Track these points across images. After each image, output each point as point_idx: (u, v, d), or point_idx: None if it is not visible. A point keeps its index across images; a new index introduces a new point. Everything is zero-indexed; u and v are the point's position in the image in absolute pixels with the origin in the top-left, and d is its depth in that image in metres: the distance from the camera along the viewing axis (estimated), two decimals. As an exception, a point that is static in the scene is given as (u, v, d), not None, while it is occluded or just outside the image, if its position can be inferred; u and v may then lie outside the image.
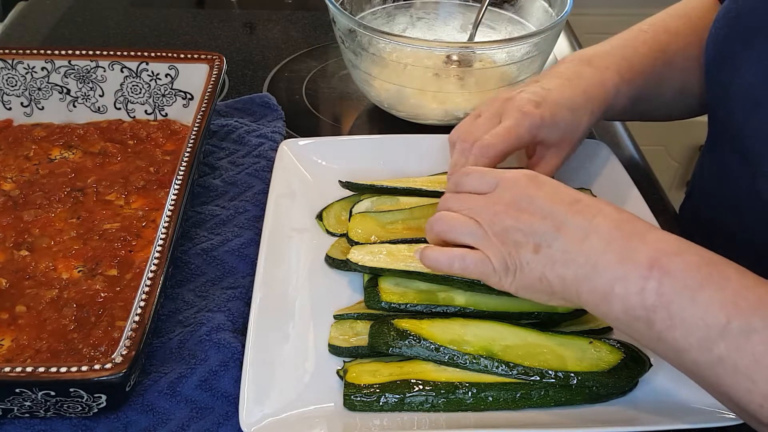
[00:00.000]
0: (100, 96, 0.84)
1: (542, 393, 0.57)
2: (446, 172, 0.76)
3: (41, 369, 0.51)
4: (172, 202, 0.64)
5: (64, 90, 0.84)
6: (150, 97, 0.84)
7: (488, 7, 0.92)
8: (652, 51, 0.76)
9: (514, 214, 0.55)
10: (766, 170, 0.65)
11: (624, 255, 0.52)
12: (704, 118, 0.81)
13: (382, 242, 0.68)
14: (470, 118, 0.70)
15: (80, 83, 0.83)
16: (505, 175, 0.58)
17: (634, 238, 0.53)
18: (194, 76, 0.83)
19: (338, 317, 0.64)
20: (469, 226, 0.57)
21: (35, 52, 0.83)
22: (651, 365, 0.59)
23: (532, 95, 0.68)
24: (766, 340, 0.46)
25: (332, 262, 0.70)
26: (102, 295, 0.63)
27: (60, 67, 0.83)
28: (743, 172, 0.70)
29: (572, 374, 0.57)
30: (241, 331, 0.63)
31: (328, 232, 0.73)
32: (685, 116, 0.85)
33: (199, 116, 0.75)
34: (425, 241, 0.68)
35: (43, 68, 0.83)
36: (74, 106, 0.84)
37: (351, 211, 0.72)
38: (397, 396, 0.57)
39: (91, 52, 0.83)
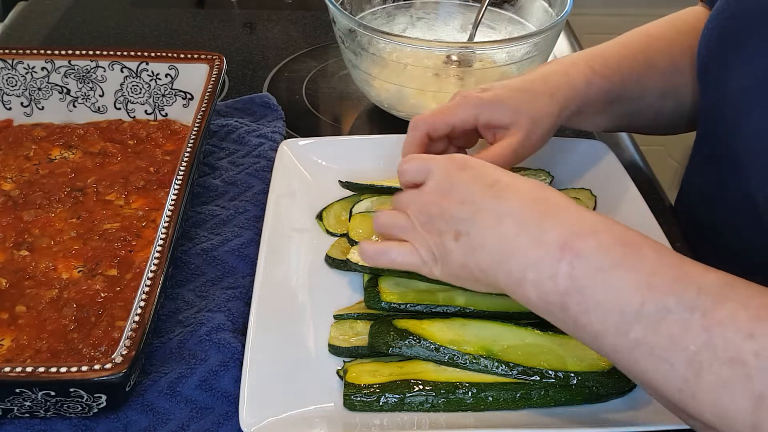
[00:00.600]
0: (100, 96, 0.84)
1: (542, 393, 0.57)
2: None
3: (41, 369, 0.51)
4: (172, 202, 0.64)
5: (64, 90, 0.84)
6: (150, 97, 0.84)
7: (488, 7, 0.92)
8: (630, 51, 0.75)
9: (437, 201, 0.55)
10: (759, 173, 0.65)
11: (536, 238, 0.50)
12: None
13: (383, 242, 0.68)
14: None
15: (80, 83, 0.83)
16: (435, 163, 0.57)
17: (547, 218, 0.51)
18: (194, 76, 0.83)
19: (338, 317, 0.64)
20: (399, 219, 0.58)
21: (35, 52, 0.83)
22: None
23: (485, 85, 0.69)
24: (682, 321, 0.44)
25: (332, 262, 0.70)
26: (102, 295, 0.63)
27: (60, 67, 0.83)
28: (734, 174, 0.69)
29: (572, 374, 0.57)
30: (241, 331, 0.63)
31: (328, 232, 0.73)
32: (671, 127, 0.83)
33: (199, 116, 0.75)
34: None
35: (43, 68, 0.83)
36: (74, 106, 0.84)
37: (351, 211, 0.72)
38: (397, 396, 0.57)
39: (91, 52, 0.83)
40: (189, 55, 0.83)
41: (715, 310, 0.44)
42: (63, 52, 0.83)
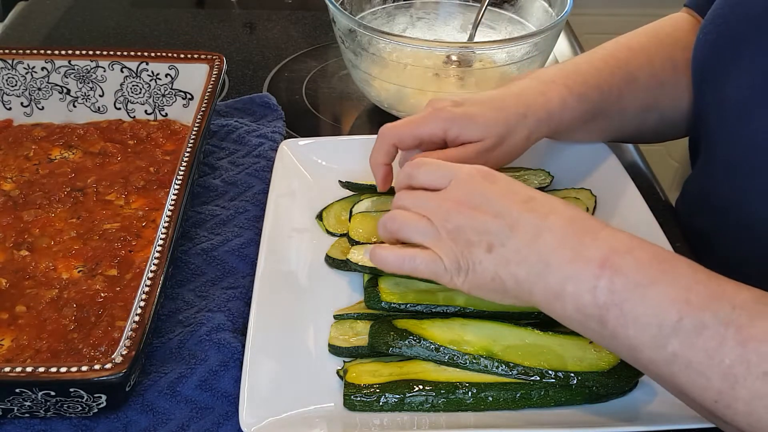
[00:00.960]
0: (100, 96, 0.84)
1: (542, 393, 0.57)
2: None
3: (41, 369, 0.51)
4: (172, 202, 0.64)
5: (64, 90, 0.84)
6: (150, 97, 0.84)
7: (488, 7, 0.92)
8: (608, 66, 0.74)
9: (467, 212, 0.55)
10: (757, 182, 0.65)
11: (576, 253, 0.51)
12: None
13: (382, 242, 0.68)
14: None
15: (80, 83, 0.83)
16: (459, 171, 0.57)
17: (586, 235, 0.52)
18: (194, 76, 0.83)
19: (338, 317, 0.64)
20: (421, 224, 0.57)
21: (35, 52, 0.83)
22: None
23: (457, 98, 0.68)
24: (717, 336, 0.46)
25: (332, 262, 0.70)
26: (102, 295, 0.63)
27: (60, 67, 0.83)
28: (731, 183, 0.69)
29: (572, 374, 0.57)
30: (241, 331, 0.63)
31: (328, 232, 0.73)
32: (657, 138, 0.83)
33: (199, 116, 0.75)
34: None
35: (43, 68, 0.83)
36: (74, 106, 0.84)
37: (351, 211, 0.72)
38: (397, 396, 0.57)
39: (91, 52, 0.83)
40: (189, 55, 0.83)
41: (749, 326, 0.46)
42: (63, 52, 0.83)
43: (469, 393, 0.57)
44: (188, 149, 0.71)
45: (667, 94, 0.77)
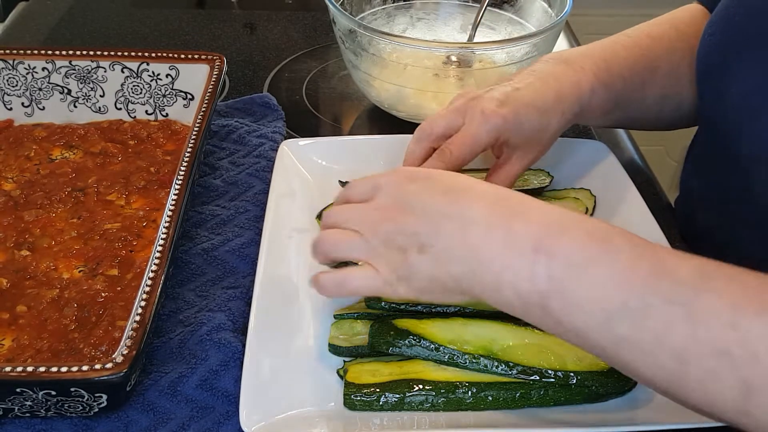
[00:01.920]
0: (100, 96, 0.84)
1: (542, 392, 0.57)
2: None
3: (42, 369, 0.51)
4: (173, 202, 0.65)
5: (65, 90, 0.84)
6: (151, 97, 0.84)
7: (488, 8, 0.92)
8: (632, 54, 0.74)
9: (393, 218, 0.53)
10: (764, 178, 0.64)
11: (507, 241, 0.49)
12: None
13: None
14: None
15: (81, 83, 0.84)
16: (381, 179, 0.56)
17: (514, 219, 0.50)
18: (195, 76, 0.83)
19: (338, 317, 0.64)
20: (351, 239, 0.55)
21: (36, 52, 0.83)
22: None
23: (499, 94, 0.67)
24: (664, 316, 0.45)
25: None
26: (103, 294, 0.63)
27: (61, 67, 0.83)
28: (735, 177, 0.69)
29: (572, 374, 0.57)
30: (242, 330, 0.64)
31: (328, 232, 0.73)
32: (671, 126, 0.83)
33: (199, 116, 0.75)
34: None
35: (43, 68, 0.83)
36: (75, 107, 0.84)
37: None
38: (397, 395, 0.57)
39: (91, 53, 0.83)
40: (189, 56, 0.83)
41: (695, 302, 0.44)
42: (64, 53, 0.83)
43: (469, 392, 0.57)
44: (189, 149, 0.71)
45: (684, 84, 0.77)
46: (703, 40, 0.72)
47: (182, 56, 0.83)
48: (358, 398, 0.57)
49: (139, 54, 0.83)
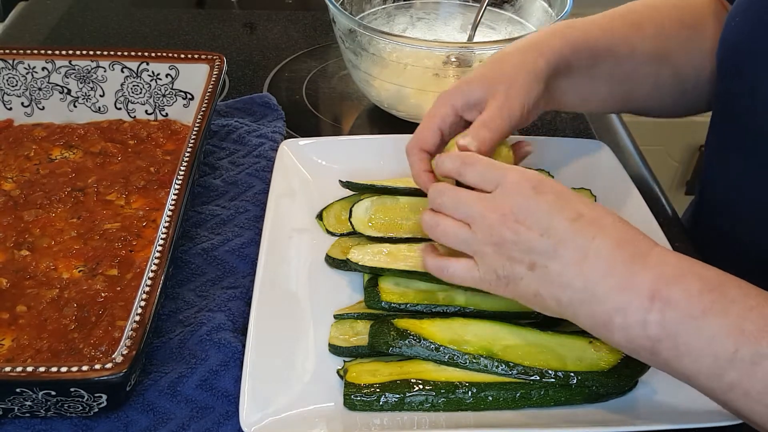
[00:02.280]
0: (100, 96, 0.84)
1: (542, 393, 0.57)
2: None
3: (42, 369, 0.51)
4: (173, 202, 0.65)
5: (65, 90, 0.84)
6: (150, 97, 0.84)
7: (488, 7, 0.92)
8: (610, 14, 0.72)
9: (512, 226, 0.53)
10: None
11: (624, 282, 0.50)
12: (704, 118, 0.80)
13: (382, 239, 0.68)
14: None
15: (81, 83, 0.84)
16: (506, 177, 0.55)
17: (635, 261, 0.51)
18: (195, 76, 0.83)
19: (338, 317, 0.64)
20: (463, 234, 0.56)
21: (36, 52, 0.83)
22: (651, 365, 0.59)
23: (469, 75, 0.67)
24: None
25: (332, 262, 0.70)
26: (102, 294, 0.63)
27: (60, 67, 0.83)
28: (764, 177, 0.67)
29: (572, 374, 0.57)
30: (242, 330, 0.64)
31: (328, 232, 0.73)
32: (681, 107, 0.80)
33: (199, 116, 0.75)
34: (425, 240, 0.68)
35: (43, 68, 0.83)
36: (75, 106, 0.84)
37: (351, 211, 0.72)
38: (397, 396, 0.57)
39: (91, 52, 0.83)
40: (189, 55, 0.83)
41: None
42: (63, 52, 0.83)
43: (469, 392, 0.57)
44: (189, 149, 0.71)
45: (678, 49, 0.74)
46: (730, 28, 0.70)
47: (182, 56, 0.83)
48: (358, 398, 0.57)
49: (139, 54, 0.83)
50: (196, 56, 0.83)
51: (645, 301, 0.50)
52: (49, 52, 0.83)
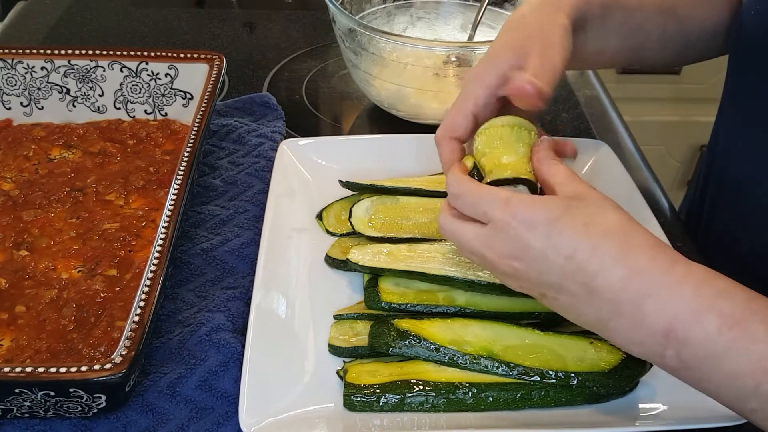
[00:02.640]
0: (99, 96, 0.84)
1: (542, 393, 0.57)
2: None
3: (41, 369, 0.51)
4: (172, 202, 0.64)
5: (64, 90, 0.83)
6: (150, 96, 0.84)
7: (488, 7, 0.92)
8: None
9: (511, 266, 0.53)
10: None
11: (635, 321, 0.49)
12: (704, 118, 0.80)
13: (382, 240, 0.68)
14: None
15: (80, 83, 0.83)
16: (495, 214, 0.52)
17: (645, 301, 0.48)
18: (194, 75, 0.82)
19: (338, 317, 0.64)
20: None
21: (35, 51, 0.83)
22: (651, 365, 0.59)
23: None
24: None
25: (332, 262, 0.69)
26: (101, 295, 0.63)
27: (59, 66, 0.83)
28: None
29: (572, 374, 0.57)
30: (241, 331, 0.63)
31: (328, 232, 0.73)
32: (682, 57, 0.79)
33: (198, 116, 0.75)
34: (425, 240, 0.68)
35: (42, 68, 0.83)
36: (74, 106, 0.84)
37: (351, 211, 0.72)
38: (397, 396, 0.57)
39: (90, 52, 0.83)
40: (189, 55, 0.83)
41: None
42: (62, 52, 0.83)
43: (470, 393, 0.57)
44: (188, 149, 0.70)
45: (683, 3, 0.75)
46: (747, 15, 0.69)
47: (181, 55, 0.83)
48: (358, 399, 0.57)
49: (138, 53, 0.83)
50: (195, 56, 0.83)
51: (660, 339, 0.48)
52: (48, 51, 0.83)
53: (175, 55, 0.83)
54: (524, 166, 0.59)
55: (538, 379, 0.57)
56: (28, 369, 0.51)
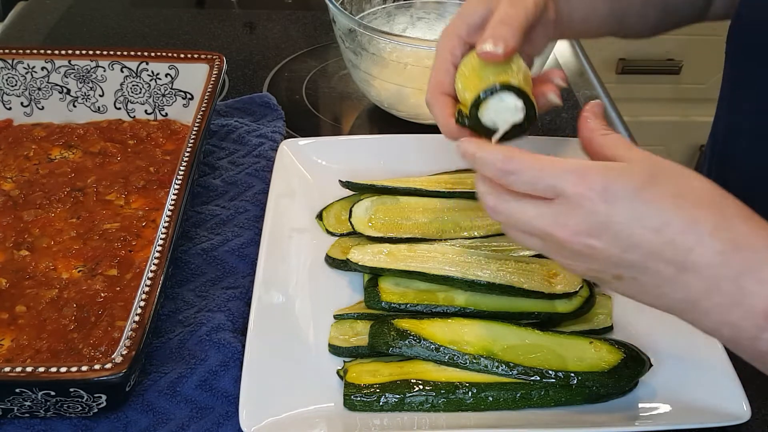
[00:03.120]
0: (100, 96, 0.84)
1: (542, 393, 0.57)
2: (446, 172, 0.77)
3: (41, 369, 0.51)
4: (172, 202, 0.64)
5: (64, 90, 0.84)
6: (150, 96, 0.84)
7: (488, 7, 0.92)
8: None
9: (587, 244, 0.47)
10: None
11: (733, 300, 0.45)
12: (705, 117, 0.80)
13: (382, 239, 0.68)
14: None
15: (80, 83, 0.83)
16: (566, 187, 0.47)
17: (745, 277, 0.44)
18: (194, 75, 0.82)
19: (338, 317, 0.64)
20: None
21: (35, 51, 0.83)
22: (651, 365, 0.59)
23: None
24: None
25: (332, 262, 0.70)
26: (102, 295, 0.63)
27: (60, 66, 0.83)
28: None
29: (572, 374, 0.57)
30: (241, 331, 0.63)
31: (328, 232, 0.73)
32: (658, 24, 0.78)
33: (199, 116, 0.75)
34: (425, 240, 0.68)
35: (43, 68, 0.83)
36: (74, 106, 0.84)
37: (351, 211, 0.72)
38: (397, 396, 0.57)
39: (91, 52, 0.83)
40: (189, 55, 0.83)
41: None
42: (63, 52, 0.83)
43: (469, 393, 0.57)
44: (188, 149, 0.71)
45: None
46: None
47: (182, 56, 0.83)
48: (358, 399, 0.57)
49: (139, 53, 0.83)
50: (195, 56, 0.83)
51: (760, 320, 0.45)
52: (49, 51, 0.83)
53: (175, 55, 0.83)
54: (504, 76, 0.54)
55: (538, 378, 0.57)
56: (29, 369, 0.51)
